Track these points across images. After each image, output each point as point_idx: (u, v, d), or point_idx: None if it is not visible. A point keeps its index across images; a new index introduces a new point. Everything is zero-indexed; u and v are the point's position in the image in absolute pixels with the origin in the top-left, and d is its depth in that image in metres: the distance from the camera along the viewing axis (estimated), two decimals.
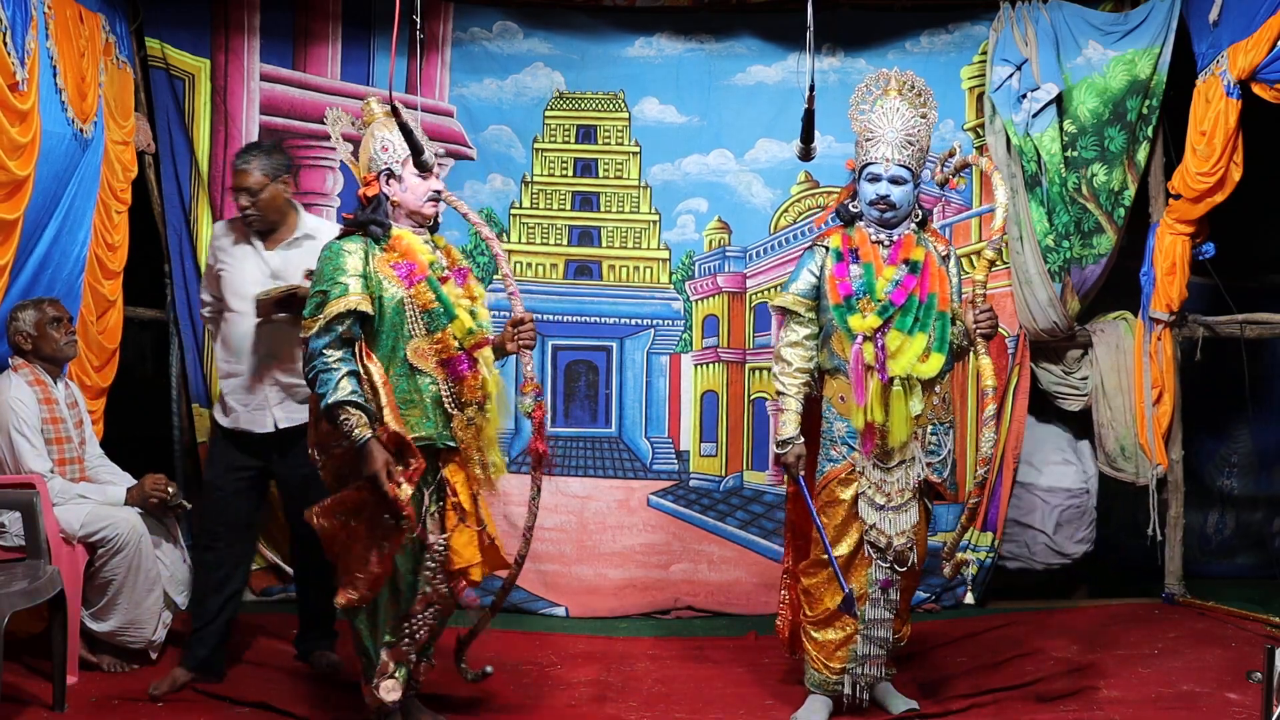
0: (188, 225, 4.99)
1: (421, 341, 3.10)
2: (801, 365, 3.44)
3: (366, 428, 2.94)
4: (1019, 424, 5.11)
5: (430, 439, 3.09)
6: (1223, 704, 3.50)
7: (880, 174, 3.39)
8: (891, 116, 3.42)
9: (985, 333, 3.36)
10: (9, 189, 3.50)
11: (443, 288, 3.14)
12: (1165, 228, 4.84)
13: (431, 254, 3.19)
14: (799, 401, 3.43)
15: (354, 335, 3.06)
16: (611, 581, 5.03)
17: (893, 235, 3.43)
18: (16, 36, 3.51)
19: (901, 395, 3.31)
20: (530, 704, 3.60)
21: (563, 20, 5.16)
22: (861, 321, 3.33)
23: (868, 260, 3.39)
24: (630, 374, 5.21)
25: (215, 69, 4.99)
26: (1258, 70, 4.28)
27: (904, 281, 3.36)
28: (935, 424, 3.42)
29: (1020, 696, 3.65)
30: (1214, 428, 5.70)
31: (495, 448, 3.18)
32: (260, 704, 3.50)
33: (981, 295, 3.38)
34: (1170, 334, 4.93)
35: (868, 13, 5.16)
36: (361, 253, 3.09)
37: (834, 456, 3.43)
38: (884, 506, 3.36)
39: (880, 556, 3.37)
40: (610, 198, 5.23)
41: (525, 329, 3.26)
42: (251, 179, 3.64)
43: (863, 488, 3.38)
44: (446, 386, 3.11)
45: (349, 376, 2.98)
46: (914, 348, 3.33)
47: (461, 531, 3.11)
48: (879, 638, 3.45)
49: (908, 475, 3.38)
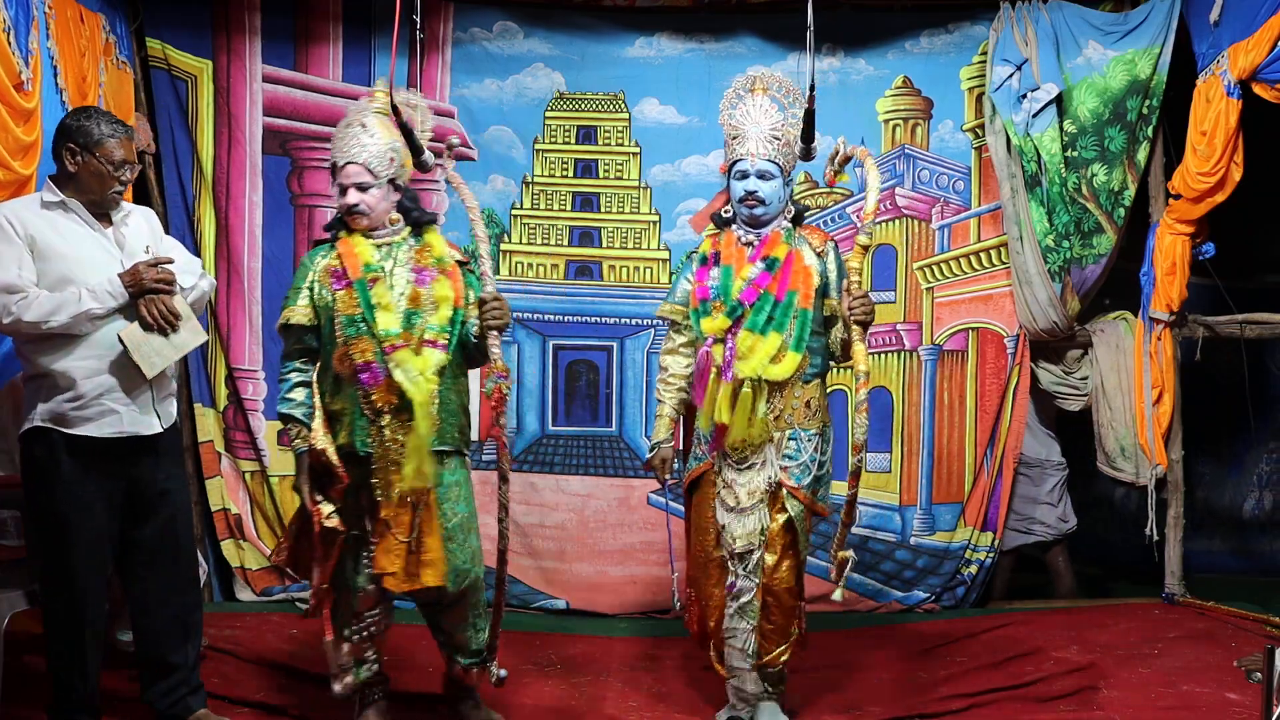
0: (190, 225, 5.01)
1: (341, 347, 3.09)
2: (677, 371, 3.48)
3: (304, 440, 3.10)
4: (1019, 424, 5.12)
5: (351, 447, 3.10)
6: (1223, 704, 3.49)
7: (748, 170, 3.35)
8: (756, 114, 3.37)
9: (860, 319, 3.19)
10: (13, 188, 3.51)
11: (372, 289, 3.09)
12: (1165, 228, 4.84)
13: (375, 258, 3.14)
14: (673, 407, 3.51)
15: (308, 345, 3.17)
16: (612, 578, 5.05)
17: (760, 234, 3.39)
18: (19, 36, 3.52)
19: (748, 397, 3.23)
20: (530, 704, 3.60)
21: (563, 20, 5.16)
22: (712, 323, 3.31)
23: (728, 263, 3.36)
24: (630, 373, 5.22)
25: (218, 70, 5.00)
26: (1258, 70, 4.28)
27: (757, 279, 3.30)
28: (794, 428, 3.32)
29: (1020, 696, 3.65)
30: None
31: (414, 459, 3.05)
32: (260, 704, 3.51)
33: (857, 282, 3.22)
34: (1170, 334, 4.93)
35: (868, 13, 5.16)
36: (314, 262, 3.17)
37: (699, 455, 3.42)
38: (733, 508, 3.31)
39: (729, 560, 3.32)
40: (610, 198, 5.23)
41: (489, 307, 3.06)
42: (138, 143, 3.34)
43: (718, 488, 3.35)
44: (362, 393, 3.08)
45: (297, 388, 3.16)
46: (766, 347, 3.26)
47: (386, 538, 3.09)
48: (739, 649, 3.34)
49: (759, 479, 3.31)
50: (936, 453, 5.16)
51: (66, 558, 3.06)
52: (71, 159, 3.07)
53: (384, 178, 3.16)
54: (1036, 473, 5.25)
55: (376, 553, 3.10)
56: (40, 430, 3.04)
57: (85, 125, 3.08)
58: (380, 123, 3.18)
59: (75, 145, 3.06)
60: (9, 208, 3.09)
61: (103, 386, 3.05)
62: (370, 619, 3.22)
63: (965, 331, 5.18)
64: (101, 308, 3.01)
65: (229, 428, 5.07)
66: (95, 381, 3.04)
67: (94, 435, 3.06)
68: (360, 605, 3.19)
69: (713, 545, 3.37)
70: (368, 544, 3.13)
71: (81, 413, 3.03)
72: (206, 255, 4.95)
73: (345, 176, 3.14)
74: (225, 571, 5.05)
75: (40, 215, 3.06)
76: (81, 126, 3.08)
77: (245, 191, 5.05)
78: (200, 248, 4.96)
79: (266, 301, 5.06)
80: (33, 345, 3.04)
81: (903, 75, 5.17)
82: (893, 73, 5.17)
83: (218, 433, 5.05)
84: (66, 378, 3.02)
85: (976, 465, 5.13)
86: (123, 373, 3.07)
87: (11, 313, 2.94)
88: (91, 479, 3.08)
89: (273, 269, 5.05)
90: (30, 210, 3.07)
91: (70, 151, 3.07)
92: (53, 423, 3.03)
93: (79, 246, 3.07)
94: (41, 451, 3.05)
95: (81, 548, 3.07)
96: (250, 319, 5.07)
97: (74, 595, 3.09)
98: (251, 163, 5.06)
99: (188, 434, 5.00)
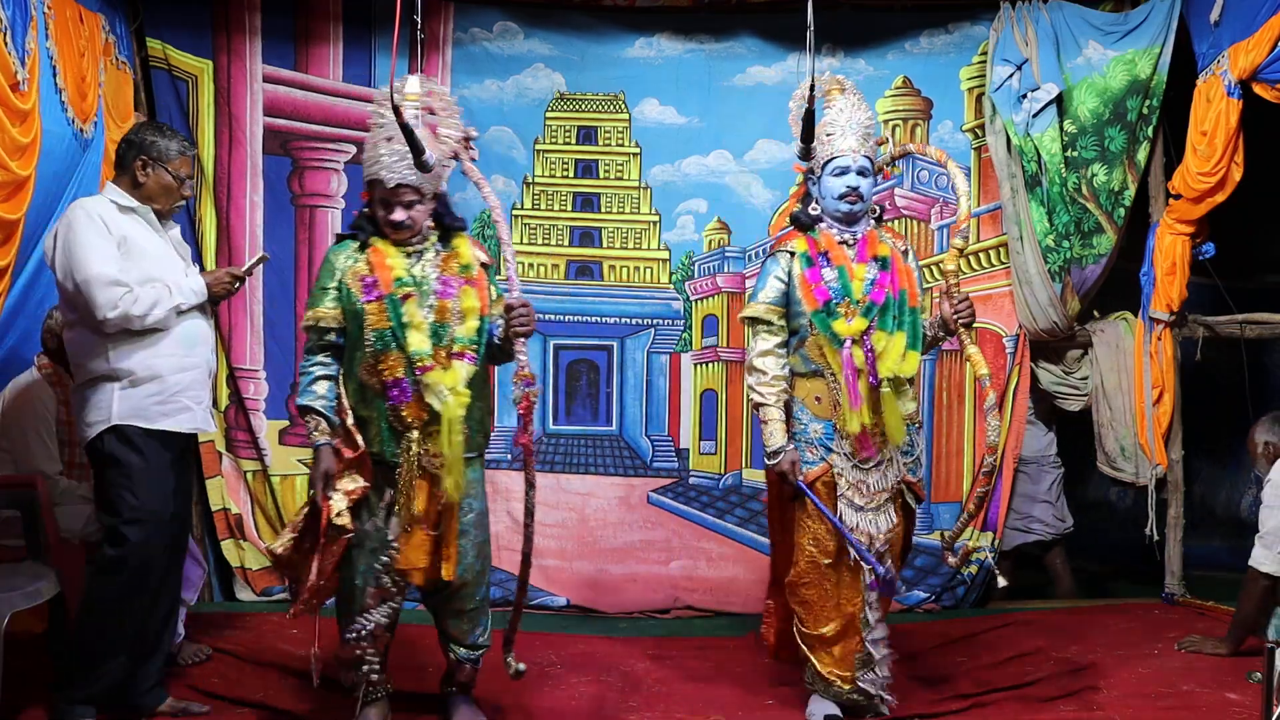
0: (192, 225, 5.00)
1: (369, 360, 3.10)
2: (777, 373, 3.40)
3: (323, 433, 3.10)
4: (1019, 424, 5.12)
5: (381, 456, 3.12)
6: (1223, 704, 3.49)
7: (849, 165, 3.35)
8: (848, 111, 3.40)
9: (965, 321, 3.31)
10: (10, 189, 3.50)
11: (404, 306, 3.09)
12: (1165, 228, 4.84)
13: (406, 268, 3.14)
14: (781, 409, 3.38)
15: (332, 343, 3.17)
16: (612, 577, 5.07)
17: (856, 233, 3.40)
18: (16, 36, 3.51)
19: (892, 396, 3.28)
20: (530, 704, 3.60)
21: (563, 20, 5.16)
22: (847, 326, 3.29)
23: (839, 263, 3.35)
24: (631, 373, 5.22)
25: (218, 70, 5.01)
26: (1259, 70, 4.28)
27: (879, 280, 3.32)
28: (909, 424, 3.39)
29: (1020, 696, 3.64)
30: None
31: (452, 472, 3.08)
32: (260, 704, 3.51)
33: (955, 284, 3.32)
34: (1170, 334, 4.93)
35: (868, 13, 5.16)
36: (341, 261, 3.16)
37: (810, 459, 3.37)
38: (864, 508, 3.32)
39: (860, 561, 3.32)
40: (611, 198, 5.24)
41: (516, 314, 3.09)
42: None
43: (842, 489, 3.33)
44: (391, 407, 3.09)
45: (319, 381, 3.14)
46: (897, 347, 3.29)
47: (413, 533, 3.11)
48: (881, 639, 3.40)
49: (886, 476, 3.34)
50: (936, 453, 5.16)
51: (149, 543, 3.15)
52: (143, 171, 3.26)
53: (430, 194, 3.18)
54: (1034, 469, 5.25)
55: (404, 549, 3.11)
56: (117, 428, 3.13)
57: (158, 141, 3.28)
58: (424, 133, 3.16)
59: (148, 158, 3.25)
60: (95, 206, 3.20)
61: (182, 383, 3.22)
62: (375, 615, 3.21)
63: None
64: (187, 304, 3.22)
65: (230, 427, 5.07)
66: (177, 378, 3.20)
67: (173, 430, 3.22)
68: (368, 601, 3.19)
69: (834, 549, 3.34)
70: (386, 544, 3.13)
71: (163, 408, 3.18)
72: (208, 255, 4.96)
73: (395, 196, 3.12)
74: (225, 571, 5.05)
75: (121, 216, 3.21)
76: (155, 142, 3.27)
77: (246, 192, 5.06)
78: (201, 248, 4.96)
79: (268, 301, 5.06)
80: (118, 341, 3.13)
81: (902, 75, 5.17)
82: (892, 73, 5.18)
83: (219, 432, 5.05)
84: (152, 372, 3.16)
85: (976, 465, 5.13)
86: (197, 371, 3.27)
87: (118, 307, 3.08)
88: (167, 471, 3.24)
89: (274, 269, 5.05)
90: (110, 210, 3.20)
91: (142, 164, 3.25)
92: (133, 419, 3.14)
93: (156, 248, 3.26)
94: (120, 447, 3.13)
95: (164, 534, 3.20)
96: (251, 319, 5.07)
97: (147, 583, 3.19)
98: (252, 163, 5.06)
99: None
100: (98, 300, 3.05)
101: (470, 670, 3.37)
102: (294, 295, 5.08)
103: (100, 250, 3.09)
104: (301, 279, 5.10)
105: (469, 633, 3.34)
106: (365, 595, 3.18)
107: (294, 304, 5.08)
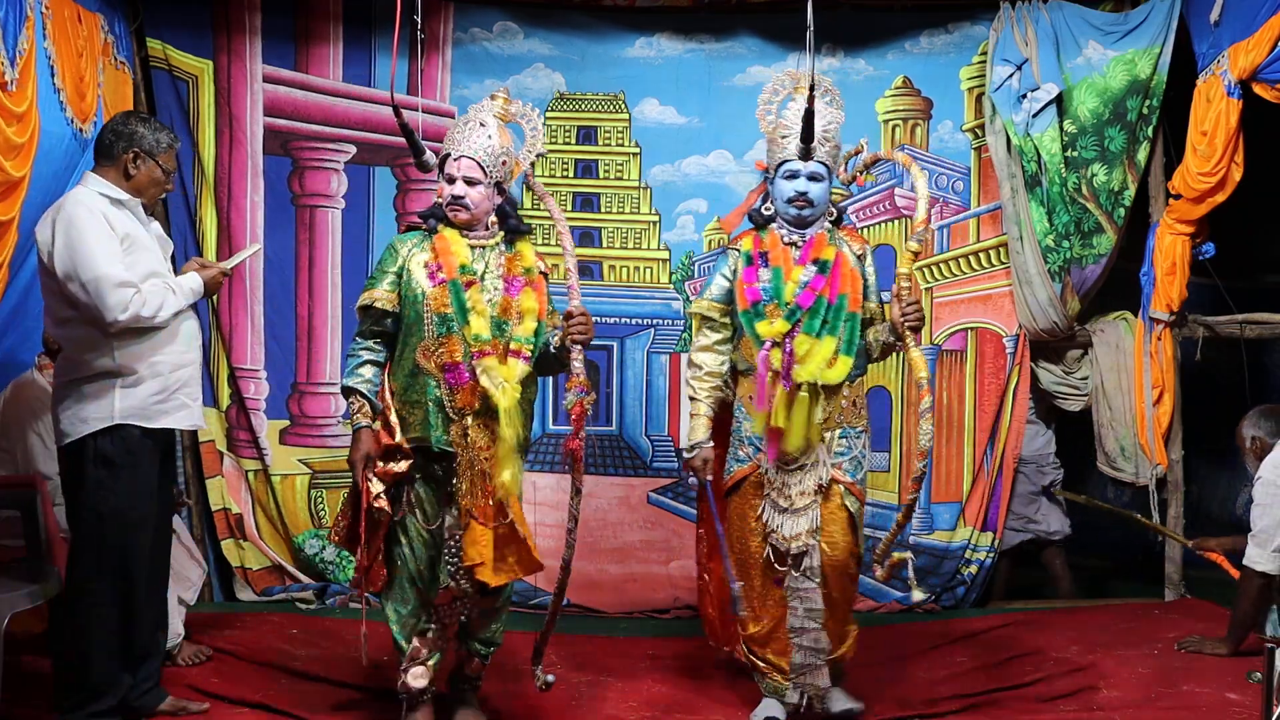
0: (192, 225, 5.01)
1: (430, 343, 3.13)
2: (713, 369, 3.43)
3: (365, 416, 3.12)
4: (1019, 424, 5.12)
5: (425, 440, 3.13)
6: (1223, 704, 3.49)
7: (799, 170, 3.34)
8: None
9: (913, 325, 3.24)
10: (4, 189, 3.50)
11: (466, 292, 3.13)
12: (1165, 228, 4.84)
13: (470, 258, 3.17)
14: (710, 406, 3.43)
15: (383, 328, 3.20)
16: (612, 576, 5.06)
17: (805, 235, 3.38)
18: (8, 37, 3.49)
19: (805, 401, 3.23)
20: (530, 704, 3.60)
21: (563, 20, 5.16)
22: (769, 327, 3.29)
23: (777, 264, 3.34)
24: (631, 373, 5.22)
25: (218, 70, 5.01)
26: (1259, 70, 4.28)
27: (812, 283, 3.30)
28: (844, 428, 3.36)
29: (1020, 696, 3.65)
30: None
31: (507, 465, 3.09)
32: (260, 704, 3.51)
33: (907, 288, 3.26)
34: (1170, 334, 4.93)
35: (868, 13, 5.16)
36: (406, 249, 3.20)
37: (741, 457, 3.40)
38: (785, 509, 3.30)
39: (779, 561, 3.32)
40: (610, 199, 5.24)
41: (574, 322, 3.11)
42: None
43: (766, 489, 3.34)
44: (446, 392, 3.12)
45: (366, 365, 3.18)
46: (822, 352, 3.26)
47: (472, 529, 3.10)
48: (809, 647, 3.34)
49: (809, 479, 3.31)
50: (936, 453, 5.15)
51: (131, 547, 3.13)
52: (133, 164, 3.21)
53: (493, 178, 3.21)
54: (1032, 469, 5.24)
55: (464, 541, 3.11)
56: (116, 427, 3.10)
57: (148, 134, 3.23)
58: (499, 126, 3.24)
59: (140, 151, 3.21)
60: (94, 202, 3.13)
61: (181, 380, 3.21)
62: (447, 611, 3.23)
63: (964, 331, 5.18)
64: (188, 303, 3.21)
65: (231, 427, 5.07)
66: (176, 375, 3.19)
67: (172, 428, 3.23)
68: (439, 598, 3.20)
69: (758, 548, 3.36)
70: (452, 538, 3.14)
71: (163, 406, 3.17)
72: (208, 255, 4.95)
73: (457, 168, 3.18)
74: (225, 571, 5.05)
75: (116, 211, 3.15)
76: (144, 135, 3.22)
77: (247, 192, 5.06)
78: (202, 248, 4.96)
79: (268, 302, 5.06)
80: (123, 338, 3.11)
81: (902, 75, 5.17)
82: (892, 73, 5.17)
83: (220, 432, 5.05)
84: (154, 371, 3.14)
85: (976, 465, 5.13)
86: (193, 367, 3.27)
87: (129, 309, 3.05)
88: (157, 470, 3.23)
89: (274, 269, 5.05)
90: (106, 206, 3.14)
91: (133, 156, 3.20)
92: (134, 418, 3.12)
93: (149, 242, 3.22)
94: (115, 447, 3.10)
95: (148, 535, 3.18)
96: (252, 319, 5.07)
97: (133, 582, 3.16)
98: (253, 163, 5.06)
99: (188, 434, 5.00)
100: (108, 302, 3.02)
101: (480, 665, 3.38)
102: (294, 295, 5.09)
103: (106, 249, 3.05)
104: (301, 279, 5.10)
105: (490, 628, 3.35)
106: (437, 591, 3.19)
107: (294, 304, 5.08)
